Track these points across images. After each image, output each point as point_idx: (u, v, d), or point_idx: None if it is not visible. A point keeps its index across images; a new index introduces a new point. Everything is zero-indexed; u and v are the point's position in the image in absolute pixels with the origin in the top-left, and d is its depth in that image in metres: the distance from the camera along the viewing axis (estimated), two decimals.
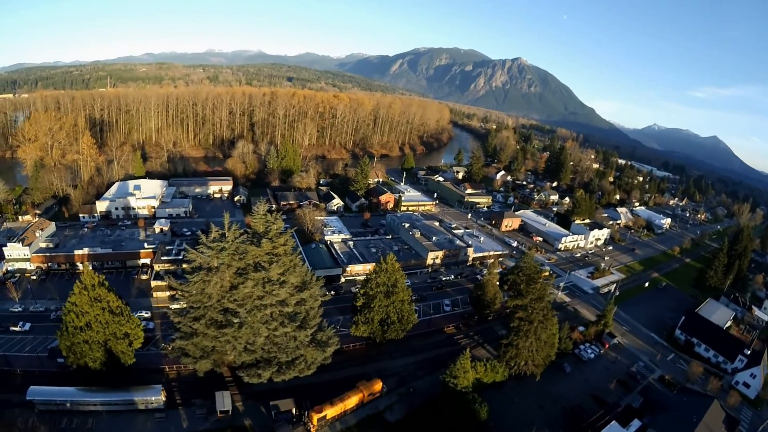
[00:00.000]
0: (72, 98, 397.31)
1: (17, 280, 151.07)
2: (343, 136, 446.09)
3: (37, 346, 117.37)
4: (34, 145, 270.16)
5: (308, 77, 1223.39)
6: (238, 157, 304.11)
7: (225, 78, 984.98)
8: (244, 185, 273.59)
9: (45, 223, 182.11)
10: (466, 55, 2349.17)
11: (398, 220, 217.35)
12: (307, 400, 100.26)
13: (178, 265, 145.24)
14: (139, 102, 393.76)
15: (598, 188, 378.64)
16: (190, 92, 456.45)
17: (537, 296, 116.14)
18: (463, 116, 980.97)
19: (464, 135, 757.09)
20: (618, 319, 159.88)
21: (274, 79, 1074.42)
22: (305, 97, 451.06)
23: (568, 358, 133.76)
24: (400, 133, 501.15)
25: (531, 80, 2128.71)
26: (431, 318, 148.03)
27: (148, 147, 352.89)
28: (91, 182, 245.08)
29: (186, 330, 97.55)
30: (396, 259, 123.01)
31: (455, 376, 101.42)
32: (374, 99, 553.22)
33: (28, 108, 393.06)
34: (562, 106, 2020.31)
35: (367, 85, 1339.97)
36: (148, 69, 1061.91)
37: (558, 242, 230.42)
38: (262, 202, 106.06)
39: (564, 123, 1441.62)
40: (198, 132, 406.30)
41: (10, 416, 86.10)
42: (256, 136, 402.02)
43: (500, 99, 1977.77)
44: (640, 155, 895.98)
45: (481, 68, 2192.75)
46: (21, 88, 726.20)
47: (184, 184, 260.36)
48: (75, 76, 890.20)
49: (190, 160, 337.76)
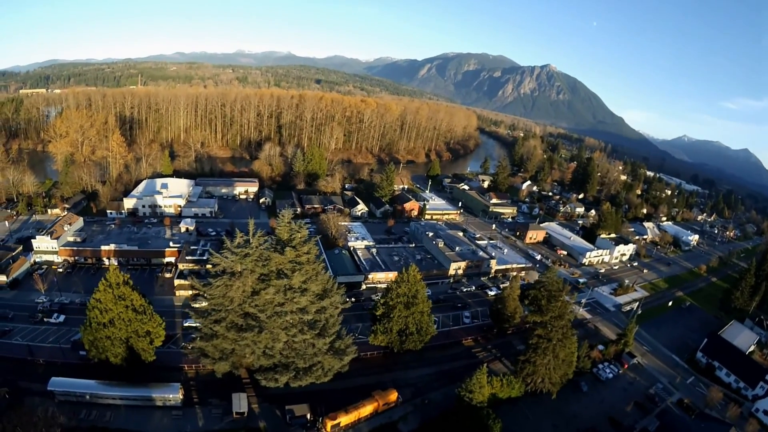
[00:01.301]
0: (103, 95, 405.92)
1: (44, 272, 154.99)
2: (370, 141, 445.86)
3: (61, 337, 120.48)
4: (65, 140, 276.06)
5: (336, 80, 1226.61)
6: (265, 159, 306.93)
7: (254, 79, 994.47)
8: (269, 187, 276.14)
9: (73, 217, 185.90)
10: (494, 61, 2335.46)
11: (422, 229, 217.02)
12: (322, 406, 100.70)
13: (202, 266, 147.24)
14: (169, 101, 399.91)
15: (625, 201, 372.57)
16: (219, 93, 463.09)
17: (557, 314, 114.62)
18: (491, 123, 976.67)
19: (491, 142, 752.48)
20: (639, 338, 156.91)
21: (302, 81, 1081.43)
22: (333, 101, 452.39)
23: (586, 377, 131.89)
24: (426, 139, 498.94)
25: (560, 87, 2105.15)
26: (450, 329, 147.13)
27: (176, 146, 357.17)
28: (119, 179, 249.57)
29: (206, 331, 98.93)
30: (418, 270, 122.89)
31: (471, 391, 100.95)
32: (402, 104, 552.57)
33: (60, 103, 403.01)
34: (590, 114, 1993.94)
35: (395, 89, 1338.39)
36: (179, 68, 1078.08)
37: (582, 257, 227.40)
38: (287, 209, 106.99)
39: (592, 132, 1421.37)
40: (226, 132, 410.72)
41: (31, 404, 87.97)
42: (283, 139, 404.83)
43: (528, 106, 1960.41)
44: (668, 167, 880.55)
45: (510, 74, 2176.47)
46: (54, 84, 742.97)
47: (210, 184, 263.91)
48: (107, 74, 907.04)
49: (217, 160, 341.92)
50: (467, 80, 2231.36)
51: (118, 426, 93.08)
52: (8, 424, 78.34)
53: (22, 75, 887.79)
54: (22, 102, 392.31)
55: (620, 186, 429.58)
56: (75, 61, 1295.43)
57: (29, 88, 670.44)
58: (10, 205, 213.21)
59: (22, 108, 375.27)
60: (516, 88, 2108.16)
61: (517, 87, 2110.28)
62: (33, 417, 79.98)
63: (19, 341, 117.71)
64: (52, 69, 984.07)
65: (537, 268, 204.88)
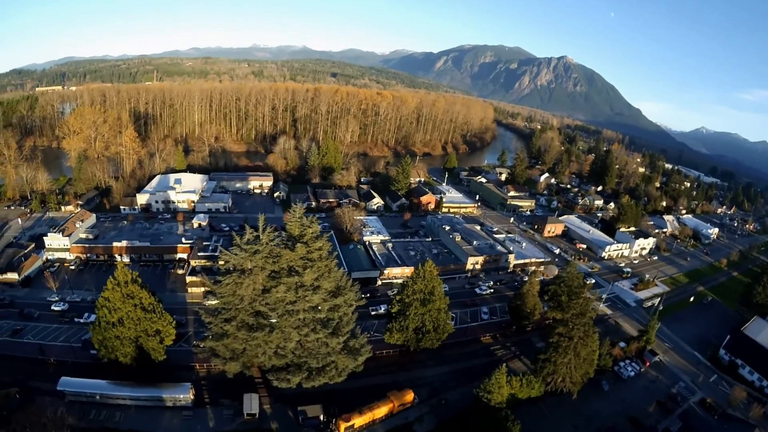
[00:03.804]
0: (117, 91, 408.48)
1: (56, 269, 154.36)
2: (386, 134, 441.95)
3: (71, 336, 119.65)
4: (78, 137, 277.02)
5: (352, 73, 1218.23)
6: (280, 152, 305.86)
7: (269, 73, 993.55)
8: (284, 181, 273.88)
9: (86, 214, 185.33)
10: (511, 53, 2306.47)
11: (439, 222, 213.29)
12: (335, 407, 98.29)
13: (214, 262, 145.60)
14: (183, 96, 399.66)
15: (645, 194, 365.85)
16: (233, 87, 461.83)
17: (579, 311, 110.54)
18: (507, 115, 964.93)
19: (508, 134, 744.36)
20: (660, 335, 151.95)
21: (318, 74, 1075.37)
22: (348, 94, 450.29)
23: (607, 375, 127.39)
24: (443, 131, 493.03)
25: (577, 79, 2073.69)
26: (468, 326, 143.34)
27: (190, 141, 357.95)
28: (132, 175, 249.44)
29: (217, 331, 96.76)
30: (434, 264, 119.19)
31: (489, 391, 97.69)
32: (418, 96, 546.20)
33: (75, 100, 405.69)
34: (608, 106, 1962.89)
35: (411, 81, 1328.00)
36: (194, 63, 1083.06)
37: (602, 250, 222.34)
38: (299, 204, 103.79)
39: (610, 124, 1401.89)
40: (240, 127, 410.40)
41: (41, 404, 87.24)
42: (298, 132, 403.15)
43: (545, 98, 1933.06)
44: (687, 159, 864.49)
45: (526, 66, 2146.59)
46: (70, 81, 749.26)
47: (224, 178, 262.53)
48: (122, 70, 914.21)
49: (231, 154, 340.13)
50: (484, 72, 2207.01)
51: (128, 427, 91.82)
52: (17, 424, 77.74)
53: (38, 73, 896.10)
54: (36, 99, 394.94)
55: (639, 178, 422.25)
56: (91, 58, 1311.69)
57: (45, 85, 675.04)
58: (23, 202, 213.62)
59: (37, 105, 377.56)
60: (533, 80, 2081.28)
61: (534, 79, 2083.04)
62: (42, 417, 79.15)
63: (30, 340, 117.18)
64: (68, 66, 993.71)
65: (556, 263, 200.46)
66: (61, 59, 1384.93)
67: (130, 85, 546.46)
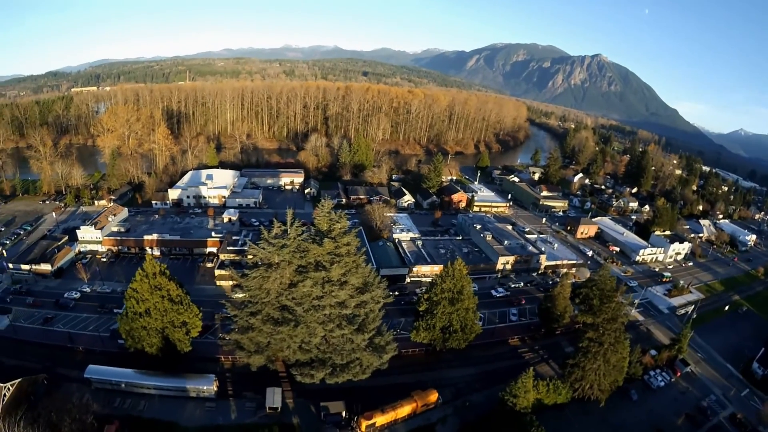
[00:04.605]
0: (150, 91, 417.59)
1: (87, 261, 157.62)
2: (417, 132, 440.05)
3: (101, 326, 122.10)
4: (112, 135, 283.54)
5: (384, 72, 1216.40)
6: (311, 150, 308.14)
7: (301, 72, 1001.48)
8: (315, 178, 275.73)
9: (118, 208, 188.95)
10: (544, 51, 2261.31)
11: (470, 221, 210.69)
12: (358, 404, 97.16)
13: (243, 256, 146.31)
14: (216, 95, 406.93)
15: (681, 197, 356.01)
16: (265, 86, 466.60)
17: (610, 316, 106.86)
18: (541, 114, 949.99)
19: (541, 134, 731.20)
20: (693, 344, 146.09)
21: (349, 73, 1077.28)
22: (379, 92, 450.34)
23: (636, 384, 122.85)
24: (475, 130, 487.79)
25: (611, 78, 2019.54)
26: (495, 327, 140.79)
27: (222, 138, 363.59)
28: (165, 171, 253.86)
29: (242, 324, 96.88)
30: (464, 264, 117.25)
31: (515, 395, 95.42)
32: (449, 95, 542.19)
33: (109, 100, 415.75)
34: (643, 106, 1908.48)
35: (443, 80, 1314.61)
36: (226, 64, 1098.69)
37: (635, 254, 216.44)
38: (327, 199, 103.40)
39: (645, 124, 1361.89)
40: (272, 124, 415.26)
41: (67, 390, 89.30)
42: (329, 130, 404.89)
43: (579, 97, 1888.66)
44: (724, 162, 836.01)
45: (560, 65, 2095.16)
46: (104, 82, 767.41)
47: (255, 174, 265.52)
48: (155, 71, 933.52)
49: (263, 151, 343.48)
50: (516, 71, 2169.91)
51: (151, 415, 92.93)
52: (44, 409, 79.30)
53: (74, 75, 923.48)
54: (72, 100, 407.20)
55: (675, 181, 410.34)
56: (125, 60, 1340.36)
57: (80, 86, 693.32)
58: (58, 197, 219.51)
59: (72, 105, 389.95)
60: (566, 78, 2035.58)
61: (567, 78, 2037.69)
62: (67, 403, 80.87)
63: (60, 328, 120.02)
64: (103, 68, 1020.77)
65: (588, 265, 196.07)
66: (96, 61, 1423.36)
67: (163, 84, 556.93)
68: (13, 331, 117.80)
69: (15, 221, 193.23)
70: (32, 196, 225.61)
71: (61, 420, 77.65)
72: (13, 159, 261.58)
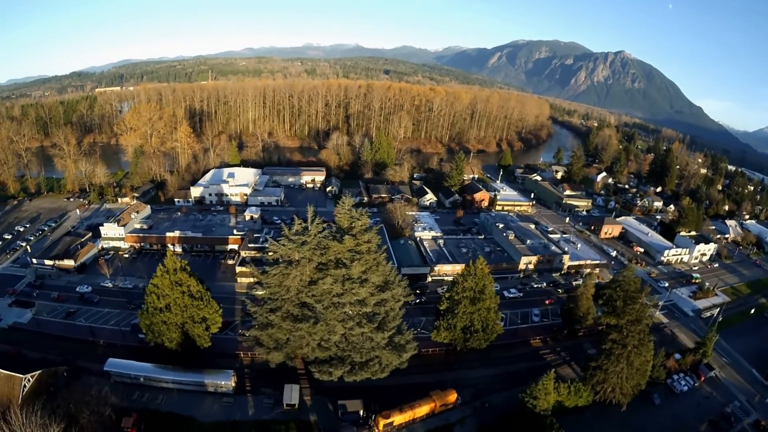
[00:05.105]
0: (173, 90, 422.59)
1: (110, 257, 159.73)
2: (439, 130, 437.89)
3: (122, 320, 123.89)
4: (135, 133, 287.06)
5: (405, 70, 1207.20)
6: (332, 148, 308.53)
7: (322, 71, 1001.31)
8: (336, 176, 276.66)
9: (141, 205, 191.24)
10: (566, 48, 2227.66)
11: (492, 220, 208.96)
12: (376, 403, 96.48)
13: (264, 253, 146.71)
14: (237, 94, 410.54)
15: (706, 197, 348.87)
16: (286, 84, 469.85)
17: (634, 318, 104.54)
18: (563, 112, 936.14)
19: (564, 132, 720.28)
20: (717, 348, 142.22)
21: (371, 72, 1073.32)
22: (401, 90, 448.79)
23: (659, 388, 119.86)
24: (497, 128, 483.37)
25: (635, 75, 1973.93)
26: (517, 328, 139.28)
27: (244, 137, 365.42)
28: (187, 169, 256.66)
29: (262, 320, 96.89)
30: (486, 263, 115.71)
31: (535, 397, 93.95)
32: (471, 92, 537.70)
33: (132, 99, 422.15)
34: (667, 103, 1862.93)
35: (465, 78, 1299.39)
36: (248, 63, 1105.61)
37: (660, 255, 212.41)
38: (348, 197, 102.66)
39: (669, 122, 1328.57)
40: (293, 123, 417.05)
41: (87, 383, 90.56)
42: (351, 128, 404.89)
43: (602, 95, 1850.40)
44: (751, 161, 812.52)
45: (582, 62, 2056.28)
46: (127, 82, 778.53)
47: (277, 173, 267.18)
48: (178, 70, 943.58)
49: (284, 150, 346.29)
50: (538, 68, 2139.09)
51: (168, 409, 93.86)
52: (63, 401, 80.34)
53: (98, 75, 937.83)
54: (95, 99, 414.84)
55: (700, 180, 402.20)
56: (148, 60, 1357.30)
57: (104, 86, 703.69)
58: (82, 194, 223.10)
59: (96, 105, 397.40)
60: (589, 75, 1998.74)
61: (590, 75, 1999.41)
62: (86, 395, 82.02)
63: (82, 322, 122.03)
64: (126, 68, 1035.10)
65: (612, 266, 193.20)
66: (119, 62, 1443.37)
67: (185, 84, 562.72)
68: (36, 325, 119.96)
69: (40, 218, 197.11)
70: (56, 194, 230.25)
71: (79, 411, 78.60)
72: (38, 157, 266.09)
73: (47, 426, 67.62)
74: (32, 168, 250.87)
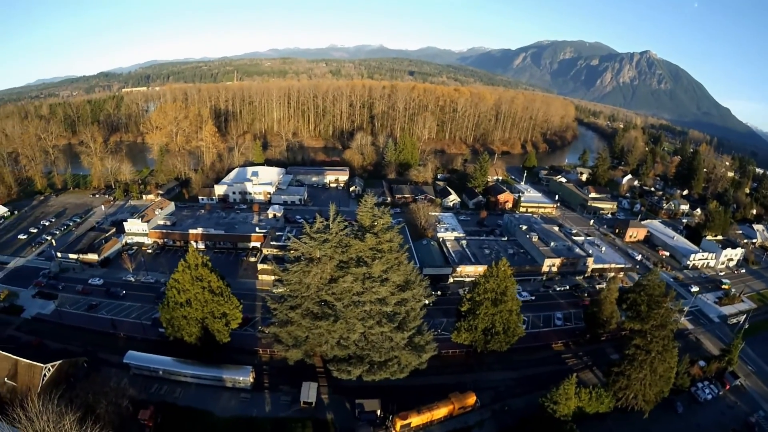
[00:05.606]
0: (198, 90, 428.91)
1: (133, 252, 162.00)
2: (464, 131, 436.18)
3: (143, 314, 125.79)
4: (160, 132, 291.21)
5: (429, 71, 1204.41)
6: (356, 148, 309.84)
7: (347, 72, 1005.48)
8: (360, 176, 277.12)
9: (165, 202, 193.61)
10: (591, 48, 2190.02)
11: (516, 222, 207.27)
12: (394, 403, 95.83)
13: (286, 251, 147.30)
14: (262, 94, 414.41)
15: (733, 200, 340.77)
16: (311, 85, 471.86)
17: (659, 323, 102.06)
18: (589, 114, 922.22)
19: (589, 134, 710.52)
20: (743, 355, 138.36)
21: (395, 72, 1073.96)
22: (425, 91, 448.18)
23: (682, 396, 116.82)
24: (522, 129, 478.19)
25: (661, 76, 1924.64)
26: (539, 331, 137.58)
27: (269, 136, 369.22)
28: (212, 167, 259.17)
29: (281, 317, 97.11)
30: (509, 264, 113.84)
31: (555, 402, 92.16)
32: (496, 93, 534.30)
33: (158, 99, 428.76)
34: (694, 105, 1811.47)
35: (489, 79, 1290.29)
36: (273, 64, 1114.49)
37: (686, 259, 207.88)
38: (370, 195, 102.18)
39: (696, 124, 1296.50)
40: (318, 123, 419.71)
41: (106, 374, 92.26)
42: (375, 129, 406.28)
43: (628, 96, 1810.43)
44: None
45: (608, 62, 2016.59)
46: (154, 82, 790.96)
47: (301, 172, 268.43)
48: (204, 71, 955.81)
49: (308, 149, 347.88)
50: (563, 69, 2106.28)
51: (186, 403, 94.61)
52: (81, 391, 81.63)
53: (124, 75, 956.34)
54: (122, 99, 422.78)
55: (727, 183, 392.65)
56: (174, 61, 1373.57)
57: (131, 86, 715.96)
58: (107, 191, 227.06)
59: (123, 104, 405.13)
60: (615, 76, 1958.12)
61: (616, 75, 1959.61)
62: (105, 386, 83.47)
63: (104, 315, 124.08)
64: (152, 69, 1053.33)
65: (637, 269, 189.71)
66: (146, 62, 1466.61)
67: (210, 84, 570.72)
68: (59, 316, 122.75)
69: (65, 213, 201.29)
70: (82, 190, 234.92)
71: (97, 402, 79.72)
72: (65, 155, 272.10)
73: (63, 414, 68.33)
74: (59, 165, 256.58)
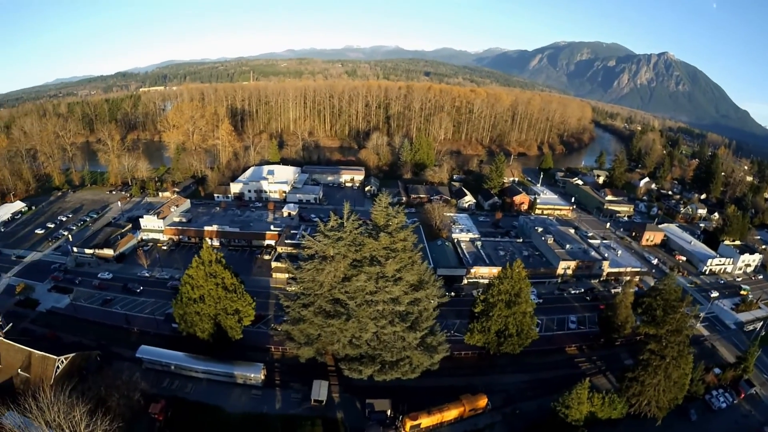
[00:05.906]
0: (215, 90, 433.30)
1: (148, 249, 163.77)
2: (480, 132, 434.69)
3: (156, 309, 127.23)
4: (177, 130, 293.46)
5: (445, 72, 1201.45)
6: (372, 148, 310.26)
7: (363, 72, 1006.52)
8: (376, 176, 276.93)
9: (181, 199, 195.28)
10: (608, 50, 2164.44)
11: (531, 224, 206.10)
12: (404, 403, 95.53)
13: (300, 249, 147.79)
14: (279, 94, 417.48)
15: (752, 205, 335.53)
16: (327, 85, 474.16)
17: (674, 328, 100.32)
18: (606, 116, 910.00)
19: (606, 136, 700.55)
20: (758, 363, 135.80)
21: (411, 73, 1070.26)
22: (441, 91, 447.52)
23: (696, 403, 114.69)
24: (538, 131, 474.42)
25: (679, 77, 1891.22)
26: (553, 334, 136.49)
27: (285, 136, 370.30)
28: (228, 165, 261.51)
29: (294, 315, 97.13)
30: (523, 266, 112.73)
31: (567, 406, 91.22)
32: (512, 94, 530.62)
33: (175, 98, 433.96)
34: (712, 107, 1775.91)
35: (506, 80, 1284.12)
36: (289, 64, 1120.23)
37: (703, 264, 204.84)
38: (384, 194, 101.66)
39: (715, 127, 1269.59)
40: (334, 123, 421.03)
41: (119, 368, 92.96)
42: (391, 129, 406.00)
43: (645, 98, 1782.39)
44: None
45: (625, 63, 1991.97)
46: (171, 82, 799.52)
47: (316, 171, 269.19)
48: (220, 71, 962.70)
49: (324, 149, 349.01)
50: (580, 70, 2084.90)
51: (196, 398, 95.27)
52: (94, 384, 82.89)
53: (141, 75, 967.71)
54: (139, 98, 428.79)
55: (746, 187, 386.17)
56: (190, 61, 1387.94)
57: (148, 86, 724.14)
58: (124, 188, 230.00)
59: (140, 103, 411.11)
60: (632, 78, 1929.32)
61: (633, 77, 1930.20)
62: (117, 380, 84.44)
63: (118, 310, 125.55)
64: (169, 69, 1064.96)
65: (653, 274, 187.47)
66: (163, 62, 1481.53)
67: (227, 84, 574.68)
68: (74, 310, 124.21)
69: (82, 209, 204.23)
70: (100, 187, 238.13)
71: (109, 395, 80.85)
72: (83, 152, 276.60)
73: (73, 406, 69.04)
74: (77, 162, 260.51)
